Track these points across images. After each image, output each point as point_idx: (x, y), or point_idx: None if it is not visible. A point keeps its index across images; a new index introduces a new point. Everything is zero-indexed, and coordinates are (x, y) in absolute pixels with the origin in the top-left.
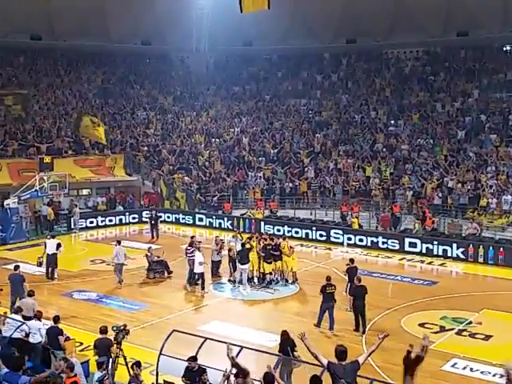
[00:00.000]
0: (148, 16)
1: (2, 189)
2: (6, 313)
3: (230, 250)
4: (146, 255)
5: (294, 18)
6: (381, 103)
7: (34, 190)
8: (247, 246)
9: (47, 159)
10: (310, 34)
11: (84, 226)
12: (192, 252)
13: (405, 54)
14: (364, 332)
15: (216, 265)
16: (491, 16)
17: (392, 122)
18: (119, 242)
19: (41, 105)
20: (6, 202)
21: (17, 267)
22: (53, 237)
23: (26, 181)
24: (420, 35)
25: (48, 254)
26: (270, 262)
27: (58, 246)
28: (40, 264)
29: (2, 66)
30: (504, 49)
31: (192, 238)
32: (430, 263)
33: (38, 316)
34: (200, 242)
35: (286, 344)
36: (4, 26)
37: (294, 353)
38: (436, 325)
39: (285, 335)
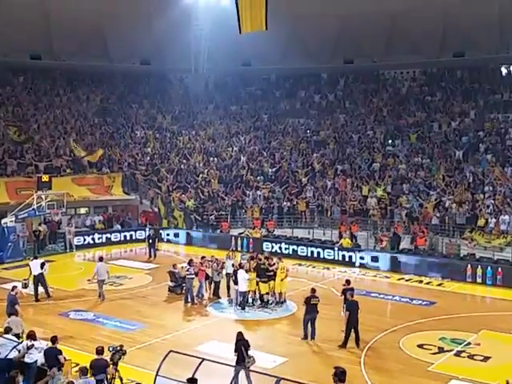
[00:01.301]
0: (147, 36)
1: (0, 208)
2: None
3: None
4: (171, 272)
5: (291, 39)
6: (378, 123)
7: (31, 208)
8: (246, 265)
9: (45, 178)
10: (307, 55)
11: (81, 244)
12: (188, 270)
13: (402, 74)
14: (358, 346)
15: (217, 285)
16: (487, 37)
17: (389, 141)
18: (101, 259)
19: (40, 124)
20: (3, 221)
21: (14, 288)
22: (35, 257)
23: (23, 199)
24: (417, 56)
25: (34, 275)
26: (266, 282)
27: (42, 265)
28: (25, 286)
29: (2, 86)
30: (500, 69)
31: (202, 258)
32: (428, 283)
33: (33, 336)
34: (211, 261)
35: (240, 344)
36: (4, 45)
37: (248, 352)
38: (435, 346)
39: (240, 336)
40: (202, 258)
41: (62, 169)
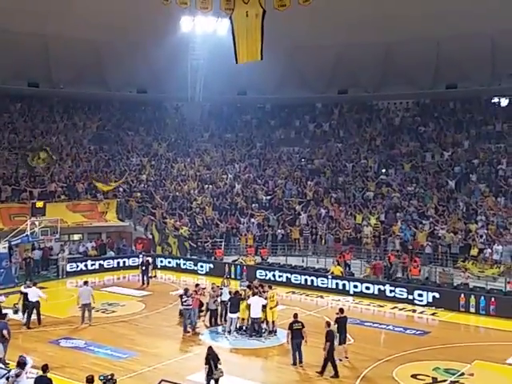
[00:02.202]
0: (144, 65)
1: None
2: None
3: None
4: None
5: (287, 69)
6: (372, 152)
7: (24, 234)
8: (242, 293)
9: (39, 204)
10: (302, 85)
11: (74, 271)
12: (186, 301)
13: (395, 104)
14: (337, 376)
15: (213, 314)
16: (479, 69)
17: (383, 170)
18: (86, 283)
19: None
20: None
21: (5, 315)
22: (35, 284)
23: (17, 226)
24: (410, 87)
25: (31, 302)
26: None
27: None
28: (16, 311)
29: (0, 113)
30: (492, 101)
31: (196, 285)
32: (421, 312)
33: (21, 363)
34: (204, 288)
35: (210, 357)
36: (3, 72)
37: (218, 365)
38: (428, 376)
39: (209, 351)
40: (197, 285)
41: (56, 195)
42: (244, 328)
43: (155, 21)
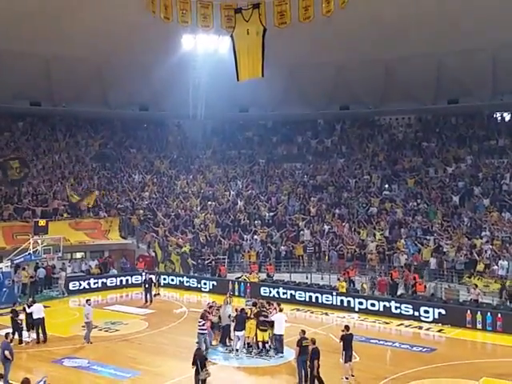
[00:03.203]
0: (145, 83)
1: None
2: None
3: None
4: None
5: (288, 86)
6: (374, 168)
7: (27, 253)
8: (248, 311)
9: (42, 222)
10: (304, 101)
11: (76, 289)
12: (203, 325)
13: (397, 120)
14: None
15: (224, 330)
16: (481, 85)
17: (386, 186)
18: (88, 301)
19: (38, 169)
20: None
21: (7, 334)
22: (34, 302)
23: (20, 244)
24: (412, 103)
25: (37, 318)
26: (265, 330)
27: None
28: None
29: (1, 131)
30: (494, 116)
31: (209, 303)
32: (427, 329)
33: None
34: (218, 309)
35: (197, 358)
36: (5, 92)
37: (206, 366)
38: None
39: (197, 352)
40: (210, 307)
41: (58, 213)
42: (251, 346)
43: (156, 39)
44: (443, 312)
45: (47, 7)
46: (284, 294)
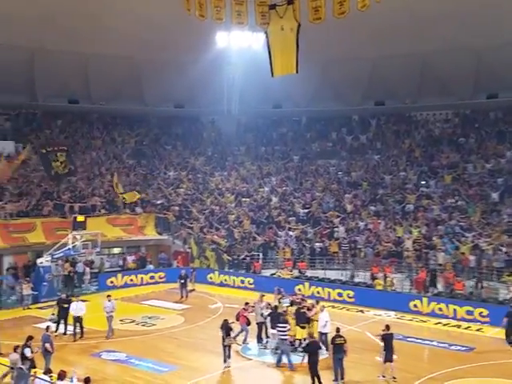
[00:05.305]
0: (181, 81)
1: (36, 247)
2: (36, 372)
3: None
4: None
5: (322, 82)
6: (410, 164)
7: (67, 248)
8: (279, 309)
9: (80, 218)
10: (338, 97)
11: (113, 285)
12: (287, 330)
13: (434, 115)
14: None
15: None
16: None
17: (423, 182)
18: (108, 297)
19: (76, 166)
20: (39, 261)
21: (48, 327)
22: (71, 297)
23: (59, 239)
24: (449, 98)
25: (77, 316)
26: (304, 327)
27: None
28: (52, 320)
29: (40, 129)
30: None
31: (246, 304)
32: (466, 328)
33: (62, 376)
34: (253, 306)
35: (224, 325)
36: (44, 90)
37: (231, 334)
38: None
39: (224, 321)
40: (246, 303)
41: (96, 209)
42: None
43: (191, 36)
44: (482, 311)
45: (86, 6)
46: (318, 292)
